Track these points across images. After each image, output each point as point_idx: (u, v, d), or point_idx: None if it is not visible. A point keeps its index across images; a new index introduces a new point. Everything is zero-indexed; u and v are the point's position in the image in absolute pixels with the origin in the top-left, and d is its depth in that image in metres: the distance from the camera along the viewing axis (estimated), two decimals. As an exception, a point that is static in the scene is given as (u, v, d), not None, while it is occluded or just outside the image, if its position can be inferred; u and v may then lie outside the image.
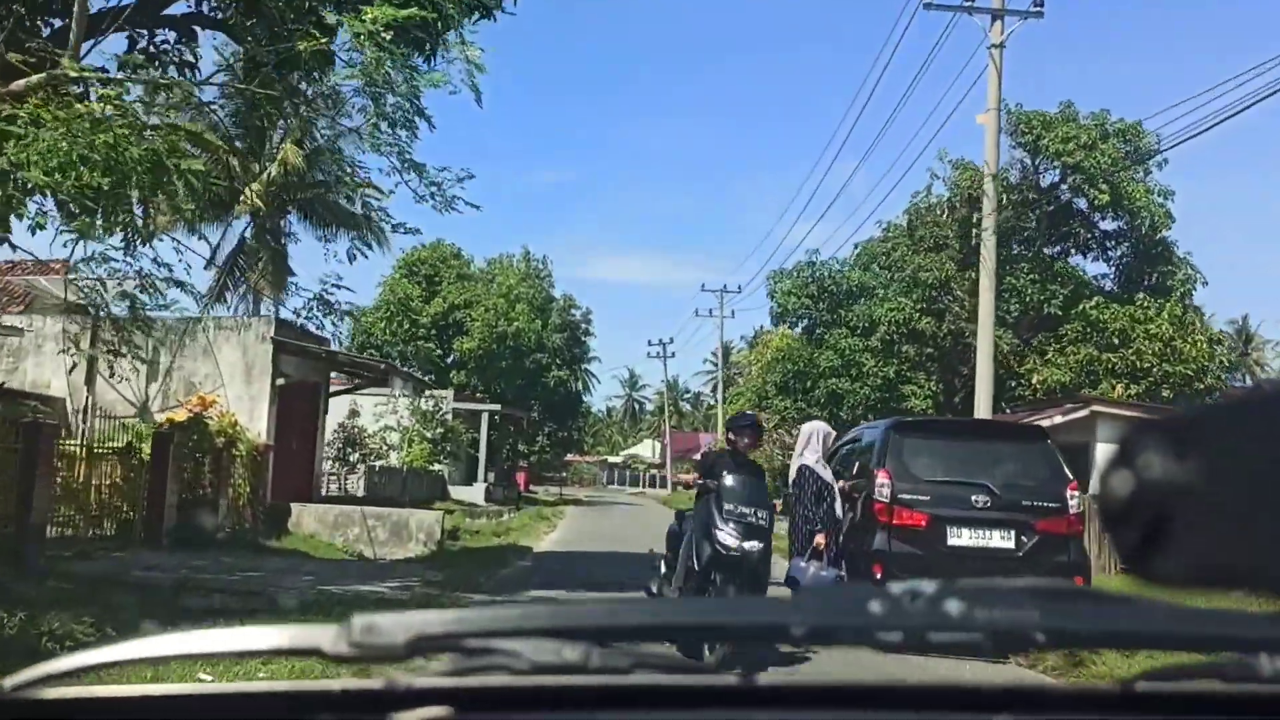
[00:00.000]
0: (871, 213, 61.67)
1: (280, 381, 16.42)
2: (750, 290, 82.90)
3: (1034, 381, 26.00)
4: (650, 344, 74.85)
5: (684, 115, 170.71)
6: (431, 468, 34.35)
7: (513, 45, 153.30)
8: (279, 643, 1.00)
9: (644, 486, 79.45)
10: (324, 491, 25.67)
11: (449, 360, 43.40)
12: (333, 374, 20.68)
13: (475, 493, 36.65)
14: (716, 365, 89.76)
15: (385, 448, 32.31)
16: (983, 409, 17.94)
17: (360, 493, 26.09)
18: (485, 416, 37.31)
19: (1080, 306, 25.89)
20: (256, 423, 16.10)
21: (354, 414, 30.98)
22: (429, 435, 34.33)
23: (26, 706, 0.98)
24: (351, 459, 30.53)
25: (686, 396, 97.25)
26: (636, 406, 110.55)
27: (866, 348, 29.25)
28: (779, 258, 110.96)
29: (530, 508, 38.48)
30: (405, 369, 21.27)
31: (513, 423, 42.74)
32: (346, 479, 26.77)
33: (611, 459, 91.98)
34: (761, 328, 46.05)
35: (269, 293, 24.88)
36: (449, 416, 35.40)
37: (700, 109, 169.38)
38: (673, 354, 75.12)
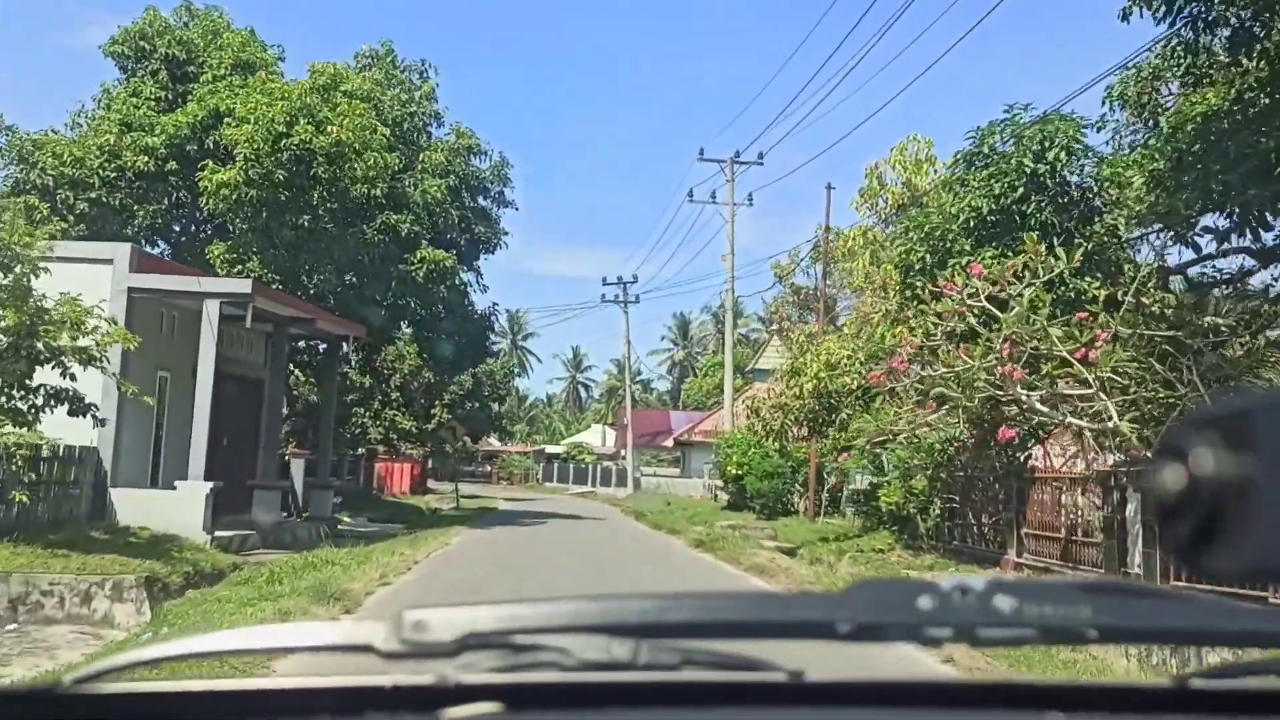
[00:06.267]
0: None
1: None
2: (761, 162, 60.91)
3: None
4: (606, 283, 52.67)
5: (621, 106, 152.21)
6: (42, 442, 11.80)
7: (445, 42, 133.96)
8: (332, 638, 0.99)
9: (593, 484, 57.46)
10: None
11: (200, 214, 20.69)
12: None
13: (188, 504, 14.20)
14: (702, 315, 68.16)
15: None
16: None
17: None
18: (211, 309, 14.66)
19: None
20: None
21: None
22: (37, 351, 11.74)
23: (87, 701, 0.99)
24: None
25: (638, 380, 77.25)
26: (582, 391, 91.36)
27: None
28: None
29: (340, 545, 16.23)
30: None
31: (325, 340, 20.09)
32: None
33: (551, 448, 70.36)
34: (824, 222, 23.69)
35: None
36: (106, 308, 12.85)
37: (635, 100, 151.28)
38: (635, 298, 52.97)
